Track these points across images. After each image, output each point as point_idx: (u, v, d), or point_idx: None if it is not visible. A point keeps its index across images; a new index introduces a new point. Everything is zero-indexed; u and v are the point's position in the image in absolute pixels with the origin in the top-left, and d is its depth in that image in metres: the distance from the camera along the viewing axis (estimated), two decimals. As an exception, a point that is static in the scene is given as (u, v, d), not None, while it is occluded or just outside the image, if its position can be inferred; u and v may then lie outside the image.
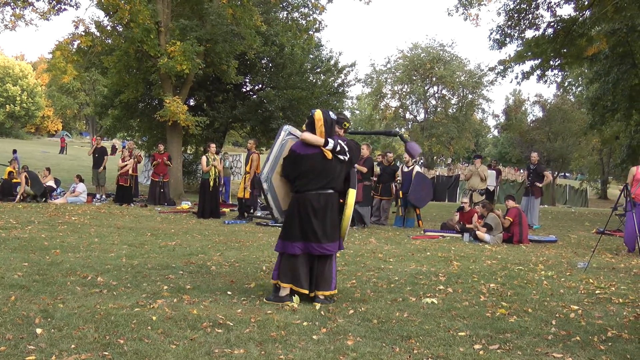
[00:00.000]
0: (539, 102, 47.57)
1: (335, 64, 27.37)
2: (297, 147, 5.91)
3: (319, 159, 5.79)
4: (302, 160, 5.80)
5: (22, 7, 19.25)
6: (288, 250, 5.80)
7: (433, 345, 4.53)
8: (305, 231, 5.77)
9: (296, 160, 5.84)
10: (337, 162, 5.86)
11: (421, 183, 14.48)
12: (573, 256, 10.05)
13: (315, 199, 5.80)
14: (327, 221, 5.83)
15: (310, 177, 5.80)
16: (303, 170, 5.80)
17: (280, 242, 5.90)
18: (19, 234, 9.77)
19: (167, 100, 18.80)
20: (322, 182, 5.81)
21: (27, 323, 4.67)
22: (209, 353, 4.18)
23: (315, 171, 5.79)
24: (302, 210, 5.80)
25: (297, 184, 5.86)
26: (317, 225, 5.77)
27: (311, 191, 5.81)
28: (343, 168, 5.93)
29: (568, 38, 20.46)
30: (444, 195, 33.72)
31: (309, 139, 5.79)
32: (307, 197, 5.81)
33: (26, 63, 76.45)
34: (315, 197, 5.80)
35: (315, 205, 5.78)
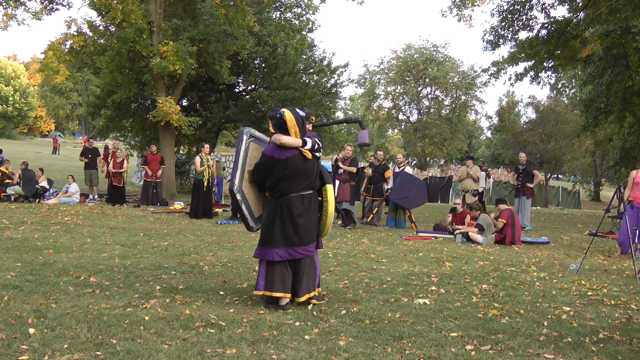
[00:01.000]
0: (532, 104, 47.67)
1: (328, 65, 27.39)
2: (272, 152, 5.66)
3: (299, 161, 5.65)
4: (282, 164, 5.62)
5: (14, 6, 19.16)
6: (270, 257, 5.60)
7: (425, 346, 4.55)
8: (288, 235, 5.61)
9: (275, 165, 5.62)
10: (314, 161, 5.78)
11: (407, 183, 14.23)
12: (565, 258, 10.07)
13: (298, 201, 5.67)
14: (309, 222, 5.74)
15: (291, 179, 5.65)
16: (286, 174, 5.62)
17: (260, 249, 5.70)
18: (12, 234, 9.74)
19: (160, 101, 18.76)
20: (303, 184, 5.70)
21: (20, 323, 4.68)
22: (201, 353, 4.18)
23: (295, 173, 5.65)
24: (284, 214, 5.63)
25: (278, 188, 5.66)
26: (300, 228, 5.64)
27: (293, 194, 5.66)
28: (318, 165, 5.87)
29: (562, 39, 20.51)
30: (437, 196, 33.77)
31: (288, 143, 5.57)
32: (291, 200, 5.66)
33: (18, 63, 76.21)
34: (299, 200, 5.67)
35: (299, 207, 5.66)
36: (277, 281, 5.58)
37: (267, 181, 5.71)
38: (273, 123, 5.75)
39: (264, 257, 5.64)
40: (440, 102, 57.55)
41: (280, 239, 5.60)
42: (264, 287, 5.60)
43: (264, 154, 5.73)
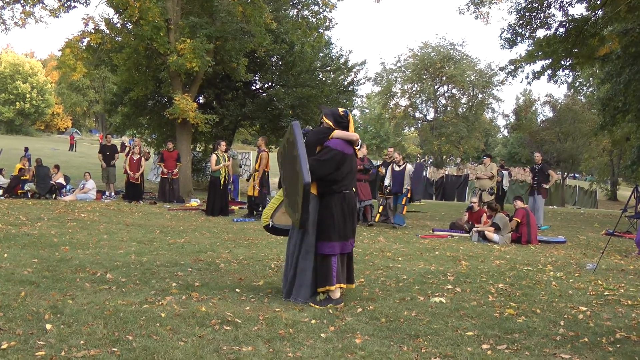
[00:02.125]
0: (550, 102, 47.30)
1: (345, 63, 27.32)
2: (342, 147, 5.77)
3: (354, 159, 5.93)
4: (348, 160, 5.80)
5: (32, 4, 19.26)
6: (346, 250, 5.81)
7: (441, 345, 4.53)
8: (347, 229, 5.79)
9: (343, 160, 5.75)
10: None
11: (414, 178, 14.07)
12: (582, 257, 10.01)
13: (353, 197, 5.94)
14: (355, 216, 5.97)
15: (352, 175, 5.90)
16: (351, 169, 5.85)
17: (328, 245, 5.70)
18: (29, 230, 9.82)
19: (177, 98, 18.81)
20: (355, 181, 6.02)
21: (36, 319, 4.70)
22: (217, 350, 4.19)
23: (354, 169, 5.95)
24: (345, 209, 5.78)
25: (345, 182, 5.80)
26: (354, 222, 5.92)
27: (350, 190, 5.87)
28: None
29: (580, 38, 20.34)
30: (453, 194, 33.64)
31: (357, 139, 5.83)
32: (351, 195, 5.88)
33: (36, 60, 76.80)
34: (354, 196, 5.95)
35: (354, 203, 5.93)
36: (337, 273, 5.72)
37: (332, 176, 5.75)
38: (333, 120, 5.88)
39: (344, 250, 5.78)
40: (457, 101, 57.39)
41: (343, 232, 5.75)
42: (327, 282, 5.69)
43: (331, 148, 5.75)
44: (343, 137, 5.78)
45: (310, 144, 5.71)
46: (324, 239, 5.72)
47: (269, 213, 6.19)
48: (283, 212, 6.09)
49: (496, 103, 74.30)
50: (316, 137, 5.85)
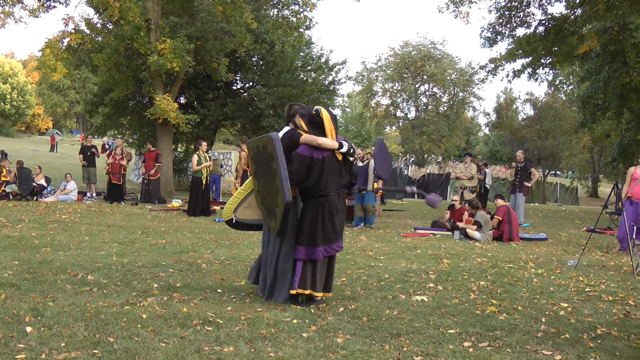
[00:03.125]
0: (530, 100, 47.66)
1: (326, 62, 27.35)
2: (310, 152, 5.64)
3: (334, 160, 5.74)
4: (320, 164, 5.65)
5: (11, 4, 19.10)
6: (314, 257, 5.63)
7: (423, 343, 4.55)
8: (328, 233, 5.68)
9: (313, 165, 5.64)
10: (344, 162, 5.87)
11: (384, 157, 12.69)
12: (563, 254, 10.09)
13: (336, 199, 5.78)
14: (342, 220, 5.88)
15: (330, 178, 5.71)
16: (324, 173, 5.67)
17: (306, 249, 5.61)
18: (9, 232, 9.73)
19: (158, 98, 18.73)
20: (338, 183, 5.82)
21: (17, 321, 4.66)
22: (199, 351, 4.18)
23: (332, 173, 5.73)
24: (326, 213, 5.69)
25: (320, 187, 5.67)
26: (337, 225, 5.76)
27: (332, 193, 5.73)
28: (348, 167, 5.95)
29: (559, 36, 20.49)
30: (435, 193, 33.75)
31: (325, 144, 5.62)
32: (331, 198, 5.73)
33: (16, 61, 76.07)
34: (337, 198, 5.78)
35: (337, 206, 5.77)
36: (318, 280, 5.67)
37: (307, 182, 5.67)
38: (306, 120, 5.80)
39: (311, 256, 5.63)
40: (438, 99, 57.66)
41: (321, 237, 5.64)
42: (310, 286, 5.64)
43: (300, 155, 5.65)
44: (309, 142, 5.63)
45: (286, 149, 5.59)
46: (299, 243, 5.65)
47: (231, 207, 6.16)
48: (246, 206, 6.11)
49: (477, 101, 74.76)
50: (289, 143, 5.70)
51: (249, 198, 6.14)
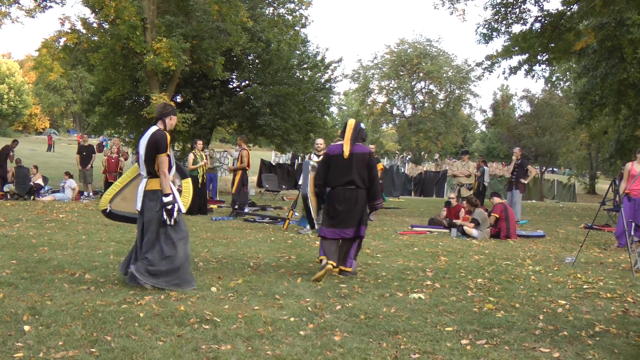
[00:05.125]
0: (527, 97, 47.72)
1: (321, 60, 27.31)
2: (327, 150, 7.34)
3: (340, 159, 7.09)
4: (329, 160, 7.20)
5: (7, 4, 19.09)
6: (322, 234, 7.11)
7: (420, 341, 4.54)
8: (331, 219, 7.09)
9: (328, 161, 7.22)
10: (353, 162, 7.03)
11: None
12: (561, 251, 10.10)
13: (340, 193, 7.07)
14: (347, 211, 7.02)
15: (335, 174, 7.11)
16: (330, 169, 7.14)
17: (320, 228, 7.25)
18: (7, 231, 9.72)
19: (154, 97, 18.71)
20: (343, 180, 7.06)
21: (15, 320, 4.67)
22: (196, 349, 4.17)
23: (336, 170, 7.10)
24: (329, 203, 7.16)
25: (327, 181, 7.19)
26: (340, 215, 7.04)
27: (339, 187, 7.08)
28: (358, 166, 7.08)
29: (555, 32, 20.50)
30: (432, 190, 33.81)
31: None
32: (337, 192, 7.09)
33: (13, 61, 75.94)
34: (342, 192, 7.06)
35: (340, 198, 7.05)
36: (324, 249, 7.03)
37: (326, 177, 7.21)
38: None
39: (320, 233, 7.20)
40: (434, 97, 57.72)
41: (326, 221, 7.15)
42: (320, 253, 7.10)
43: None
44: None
45: (151, 149, 6.01)
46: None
47: (108, 198, 6.38)
48: (122, 198, 6.27)
49: (473, 99, 74.93)
50: (155, 145, 6.03)
51: (126, 190, 6.35)
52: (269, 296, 5.85)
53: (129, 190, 6.37)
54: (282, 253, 8.69)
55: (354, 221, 7.04)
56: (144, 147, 5.98)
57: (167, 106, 6.23)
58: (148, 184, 6.02)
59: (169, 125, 6.18)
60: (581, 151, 47.35)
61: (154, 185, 5.97)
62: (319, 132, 26.92)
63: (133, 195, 6.27)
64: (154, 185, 5.97)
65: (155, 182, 5.98)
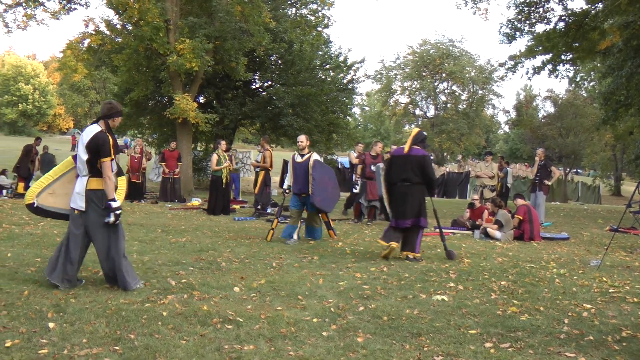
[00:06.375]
0: (550, 98, 47.31)
1: (344, 61, 27.31)
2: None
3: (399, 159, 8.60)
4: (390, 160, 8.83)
5: (33, 7, 19.32)
6: (391, 224, 8.57)
7: (444, 343, 4.51)
8: (393, 210, 8.55)
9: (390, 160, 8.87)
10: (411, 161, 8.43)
11: (324, 176, 10.25)
12: (586, 254, 9.97)
13: (399, 188, 8.47)
14: (405, 204, 8.40)
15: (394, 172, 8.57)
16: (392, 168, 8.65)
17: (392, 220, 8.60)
18: (32, 230, 9.81)
19: (177, 98, 18.82)
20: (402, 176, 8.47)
21: (40, 317, 4.73)
22: (219, 349, 4.18)
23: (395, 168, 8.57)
24: (392, 196, 8.59)
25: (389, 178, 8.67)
26: (399, 207, 8.46)
27: (395, 182, 8.51)
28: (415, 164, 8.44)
29: (580, 32, 20.25)
30: (455, 191, 33.60)
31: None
32: (396, 187, 8.50)
33: (38, 62, 76.86)
34: (400, 187, 8.46)
35: (398, 192, 8.47)
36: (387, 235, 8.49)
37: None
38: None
39: (391, 224, 8.60)
40: (457, 97, 57.41)
41: (392, 212, 8.58)
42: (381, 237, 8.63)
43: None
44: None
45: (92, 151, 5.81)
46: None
47: (34, 192, 6.08)
48: (50, 192, 6.05)
49: (496, 99, 74.59)
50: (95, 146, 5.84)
51: (55, 185, 6.11)
52: (291, 297, 5.85)
53: (59, 185, 6.12)
54: (305, 254, 8.68)
55: (411, 213, 8.34)
56: (85, 148, 5.77)
57: (113, 106, 6.02)
58: (89, 183, 5.82)
59: (112, 126, 5.98)
60: (606, 152, 46.81)
61: (96, 185, 5.81)
62: (341, 132, 26.93)
63: (64, 191, 6.09)
64: (95, 184, 5.81)
65: (97, 182, 5.81)
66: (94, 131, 5.78)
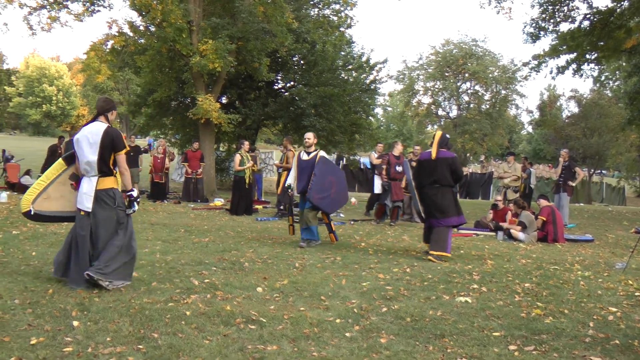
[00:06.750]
0: (575, 97, 46.75)
1: (366, 61, 27.23)
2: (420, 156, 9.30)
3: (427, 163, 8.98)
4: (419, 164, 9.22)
5: (57, 9, 19.53)
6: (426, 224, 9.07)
7: (467, 345, 4.49)
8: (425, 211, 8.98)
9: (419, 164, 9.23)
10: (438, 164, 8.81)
11: (328, 176, 9.76)
12: (611, 256, 9.86)
13: (430, 190, 8.84)
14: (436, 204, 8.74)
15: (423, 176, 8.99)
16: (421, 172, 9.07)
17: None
18: (56, 229, 9.90)
19: (200, 99, 18.90)
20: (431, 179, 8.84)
21: (64, 316, 4.78)
22: (242, 349, 4.19)
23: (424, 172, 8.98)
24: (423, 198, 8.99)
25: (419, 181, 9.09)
26: (430, 207, 8.84)
27: (425, 185, 8.90)
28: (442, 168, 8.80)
29: (605, 30, 20.02)
30: (477, 192, 33.40)
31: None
32: (425, 189, 8.89)
33: (61, 64, 77.73)
34: (430, 189, 8.83)
35: (429, 194, 8.84)
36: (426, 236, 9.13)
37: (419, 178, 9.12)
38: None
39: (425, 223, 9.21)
40: (480, 97, 56.98)
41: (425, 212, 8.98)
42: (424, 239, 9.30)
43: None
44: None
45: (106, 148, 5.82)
46: None
47: (29, 199, 6.00)
48: (45, 197, 6.00)
49: (520, 99, 73.84)
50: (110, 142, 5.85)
51: (49, 189, 6.06)
52: (314, 297, 5.85)
53: (53, 189, 6.07)
54: (327, 254, 8.68)
55: (440, 213, 8.68)
56: (97, 146, 5.73)
57: (108, 101, 6.05)
58: (99, 183, 5.81)
59: (111, 120, 6.00)
60: (631, 153, 46.15)
61: (107, 184, 5.81)
62: (364, 133, 26.87)
63: (58, 193, 6.07)
64: (107, 184, 5.81)
65: (108, 181, 5.83)
66: (102, 128, 5.80)
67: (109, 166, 5.81)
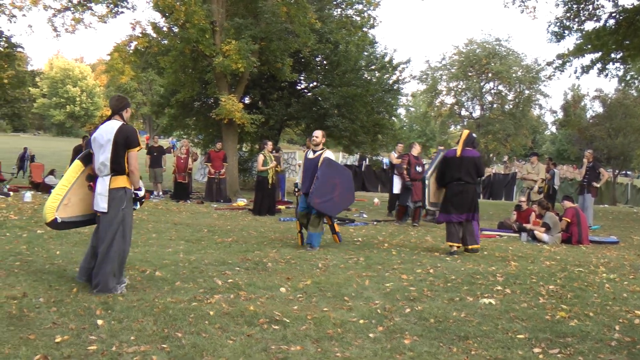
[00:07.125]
0: (599, 97, 46.16)
1: (389, 61, 27.16)
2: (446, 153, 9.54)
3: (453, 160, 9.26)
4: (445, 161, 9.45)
5: (81, 11, 19.72)
6: (440, 219, 9.57)
7: (491, 347, 4.47)
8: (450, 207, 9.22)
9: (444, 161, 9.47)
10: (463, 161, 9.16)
11: (332, 178, 9.32)
12: (636, 258, 9.74)
13: (455, 187, 9.22)
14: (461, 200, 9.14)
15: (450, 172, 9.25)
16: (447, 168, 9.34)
17: (441, 215, 9.48)
18: (80, 229, 10.00)
19: (223, 99, 18.97)
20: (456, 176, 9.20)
21: (88, 314, 4.83)
22: (266, 349, 4.21)
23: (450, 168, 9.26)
24: (447, 194, 9.33)
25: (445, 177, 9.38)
26: (455, 203, 9.17)
27: (452, 182, 9.24)
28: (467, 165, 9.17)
29: (631, 29, 19.76)
30: (501, 193, 33.14)
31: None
32: (451, 185, 9.26)
33: (85, 65, 78.64)
34: (455, 186, 9.21)
35: (454, 190, 9.21)
36: (451, 235, 9.25)
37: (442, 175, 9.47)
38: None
39: (439, 220, 9.68)
40: (503, 97, 56.50)
41: (447, 208, 9.27)
42: (446, 239, 9.40)
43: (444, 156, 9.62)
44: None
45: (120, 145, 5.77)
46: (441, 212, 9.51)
47: (53, 207, 5.84)
48: (65, 204, 5.90)
49: (543, 99, 72.97)
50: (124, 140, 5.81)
51: (68, 195, 5.96)
52: (337, 298, 5.85)
53: (72, 193, 5.96)
54: (351, 255, 8.68)
55: (465, 208, 9.12)
56: (110, 144, 5.70)
57: (121, 99, 6.01)
58: (112, 181, 5.77)
59: (126, 118, 5.97)
60: (657, 154, 45.55)
61: (119, 183, 5.79)
62: (387, 133, 26.82)
63: (77, 197, 5.99)
64: (119, 182, 5.79)
65: (120, 180, 5.80)
66: (116, 125, 5.78)
67: (122, 165, 5.78)
